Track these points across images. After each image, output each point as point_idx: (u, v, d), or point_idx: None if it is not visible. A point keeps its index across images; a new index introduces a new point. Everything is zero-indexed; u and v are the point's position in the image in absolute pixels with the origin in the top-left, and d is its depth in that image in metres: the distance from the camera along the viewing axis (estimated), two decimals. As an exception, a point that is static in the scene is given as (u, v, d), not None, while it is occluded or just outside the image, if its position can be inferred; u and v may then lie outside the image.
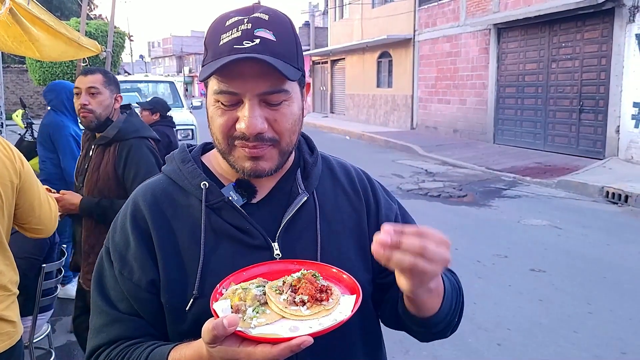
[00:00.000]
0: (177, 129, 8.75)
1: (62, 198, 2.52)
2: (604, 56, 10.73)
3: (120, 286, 0.98)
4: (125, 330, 0.97)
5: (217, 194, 0.99)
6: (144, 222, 0.99)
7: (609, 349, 3.64)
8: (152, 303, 0.97)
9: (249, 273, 0.92)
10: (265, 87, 0.91)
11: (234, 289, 0.85)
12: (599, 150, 10.93)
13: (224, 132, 0.94)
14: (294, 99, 0.96)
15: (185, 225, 0.98)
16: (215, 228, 0.98)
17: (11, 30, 3.47)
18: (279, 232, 1.00)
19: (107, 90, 2.58)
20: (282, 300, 0.82)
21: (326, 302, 0.82)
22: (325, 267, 0.94)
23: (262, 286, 0.86)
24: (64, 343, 3.65)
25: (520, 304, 4.38)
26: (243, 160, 0.95)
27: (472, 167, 11.12)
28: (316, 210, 1.04)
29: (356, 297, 0.85)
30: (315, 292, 0.83)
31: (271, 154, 0.96)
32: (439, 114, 16.72)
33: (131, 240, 0.98)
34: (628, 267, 5.20)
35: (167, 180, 1.04)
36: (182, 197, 1.01)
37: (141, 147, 2.57)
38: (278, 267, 0.94)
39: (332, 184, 1.11)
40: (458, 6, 15.40)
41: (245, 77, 0.89)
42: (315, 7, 33.53)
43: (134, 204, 1.02)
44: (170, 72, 64.10)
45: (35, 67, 13.76)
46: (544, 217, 7.10)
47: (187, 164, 1.03)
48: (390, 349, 1.25)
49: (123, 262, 0.99)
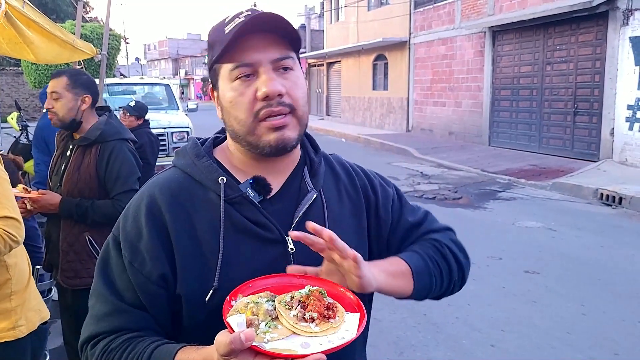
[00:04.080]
0: (172, 131, 8.82)
1: (41, 198, 2.52)
2: (598, 59, 10.79)
3: (128, 276, 0.99)
4: (129, 322, 0.98)
5: (235, 189, 1.02)
6: (161, 215, 1.00)
7: (602, 350, 3.66)
8: (159, 297, 0.99)
9: (255, 285, 0.94)
10: (277, 54, 0.99)
11: (245, 303, 0.87)
12: (594, 153, 10.98)
13: (249, 109, 0.99)
14: (299, 70, 1.04)
15: (204, 218, 1.01)
16: (234, 222, 1.01)
17: (6, 33, 3.47)
18: (292, 227, 1.03)
19: (69, 94, 2.59)
20: (292, 316, 0.85)
21: (333, 320, 0.85)
22: (330, 283, 0.96)
23: (271, 300, 0.88)
24: (58, 345, 3.64)
25: (514, 305, 4.39)
26: (268, 133, 0.99)
27: (467, 170, 11.16)
28: (324, 208, 1.09)
29: (360, 316, 0.88)
30: (323, 309, 0.86)
31: (292, 122, 1.01)
32: (434, 117, 16.76)
33: (145, 232, 0.99)
34: (622, 268, 5.23)
35: (182, 175, 1.06)
36: (200, 191, 1.03)
37: (122, 149, 2.62)
38: (283, 281, 0.96)
39: (335, 182, 1.16)
40: (453, 9, 15.45)
41: (256, 47, 0.98)
42: (311, 10, 33.57)
43: (149, 196, 1.03)
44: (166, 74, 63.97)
45: (30, 69, 13.73)
46: (539, 219, 7.13)
47: (202, 159, 1.06)
48: (384, 350, 1.27)
49: (134, 253, 0.99)
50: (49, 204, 2.54)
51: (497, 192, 9.10)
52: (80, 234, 2.58)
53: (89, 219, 2.52)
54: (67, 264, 2.60)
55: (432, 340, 3.75)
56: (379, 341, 3.49)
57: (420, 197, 8.68)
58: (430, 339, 3.75)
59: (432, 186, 9.60)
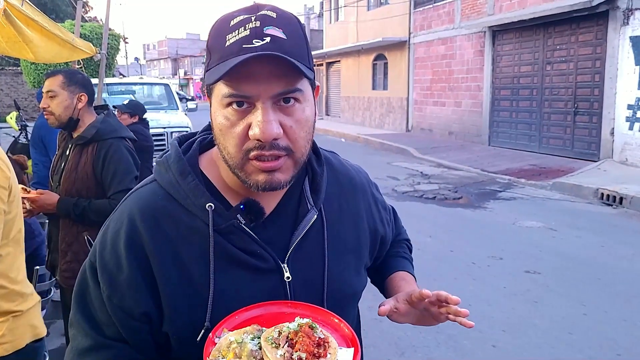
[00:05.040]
0: (172, 131, 8.81)
1: (39, 198, 2.52)
2: (598, 58, 10.78)
3: (107, 310, 0.91)
4: (112, 356, 0.92)
5: (225, 216, 0.91)
6: (141, 246, 0.90)
7: (603, 350, 3.64)
8: (142, 332, 0.92)
9: (241, 317, 0.88)
10: (280, 88, 0.84)
11: (228, 343, 0.81)
12: (594, 152, 10.97)
13: (239, 144, 0.86)
14: (307, 100, 0.89)
15: (192, 249, 0.91)
16: (225, 253, 0.91)
17: (5, 31, 3.46)
18: (289, 253, 0.96)
19: (65, 92, 2.59)
20: (279, 356, 0.79)
21: (324, 359, 0.79)
22: (323, 312, 0.91)
23: (257, 337, 0.83)
24: (58, 346, 3.62)
25: (514, 305, 4.38)
26: (257, 174, 0.87)
27: (467, 169, 11.15)
28: (324, 229, 1.00)
29: (354, 352, 0.82)
30: (313, 347, 0.79)
31: (287, 164, 0.88)
32: (434, 117, 16.76)
33: (124, 264, 0.89)
34: (622, 268, 5.21)
35: (166, 196, 0.94)
36: (186, 218, 0.92)
37: (120, 147, 2.60)
38: (272, 310, 0.90)
39: (337, 193, 1.07)
40: (453, 9, 15.44)
41: (257, 78, 0.82)
42: (310, 10, 33.59)
43: (129, 221, 0.92)
44: (166, 74, 63.96)
45: (29, 69, 13.72)
46: (539, 219, 7.12)
47: (186, 178, 0.93)
48: (385, 350, 1.26)
49: (113, 287, 0.90)
50: (47, 203, 2.53)
51: (497, 192, 9.09)
52: (79, 233, 2.57)
53: (87, 219, 2.51)
54: (66, 264, 2.59)
55: (432, 340, 3.73)
56: (380, 342, 3.47)
57: (420, 197, 8.67)
58: (431, 340, 3.74)
59: (432, 186, 9.59)
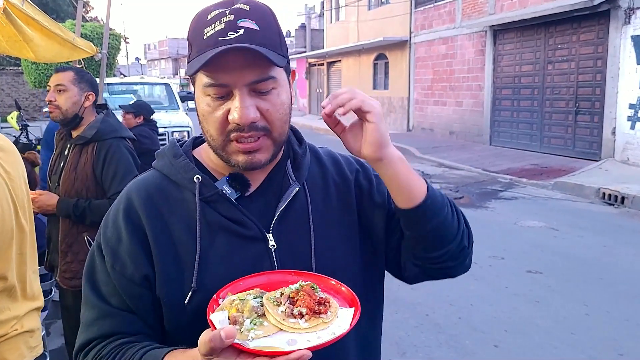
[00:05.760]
0: (173, 130, 8.81)
1: (38, 199, 2.50)
2: (599, 58, 10.76)
3: (112, 281, 0.98)
4: (117, 325, 0.97)
5: (211, 187, 1.00)
6: (138, 218, 0.99)
7: (605, 350, 3.63)
8: (145, 298, 0.98)
9: (246, 283, 0.91)
10: (254, 76, 0.92)
11: (230, 300, 0.85)
12: (595, 152, 10.95)
13: (220, 128, 0.95)
14: (282, 86, 0.98)
15: (181, 219, 0.99)
16: (210, 221, 0.99)
17: (5, 31, 3.46)
18: (272, 223, 1.01)
19: (75, 88, 2.59)
20: (280, 312, 0.82)
21: (324, 315, 0.82)
22: (324, 278, 0.93)
23: (259, 297, 0.85)
24: (59, 346, 3.62)
25: (516, 305, 4.37)
26: (237, 154, 0.96)
27: (468, 169, 11.13)
28: (307, 201, 1.06)
29: (354, 311, 0.84)
30: (314, 304, 0.82)
31: (266, 144, 0.97)
32: (435, 116, 16.74)
33: (124, 235, 0.98)
34: (624, 268, 5.20)
35: (160, 176, 1.04)
36: (176, 191, 1.01)
37: (119, 147, 2.59)
38: (276, 278, 0.93)
39: (321, 173, 1.12)
40: (454, 8, 15.43)
41: (232, 68, 0.90)
42: (311, 10, 33.57)
43: (127, 199, 1.02)
44: (167, 74, 64.01)
45: (30, 69, 13.71)
46: (540, 219, 7.10)
47: (179, 158, 1.03)
48: (386, 350, 1.24)
49: (115, 256, 0.98)
50: (46, 204, 2.52)
51: (498, 191, 9.08)
52: (79, 234, 2.56)
53: (87, 219, 2.50)
54: (66, 265, 2.58)
55: (434, 340, 3.73)
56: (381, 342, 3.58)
57: (422, 196, 8.65)
58: (432, 340, 3.73)
59: (433, 185, 9.57)
